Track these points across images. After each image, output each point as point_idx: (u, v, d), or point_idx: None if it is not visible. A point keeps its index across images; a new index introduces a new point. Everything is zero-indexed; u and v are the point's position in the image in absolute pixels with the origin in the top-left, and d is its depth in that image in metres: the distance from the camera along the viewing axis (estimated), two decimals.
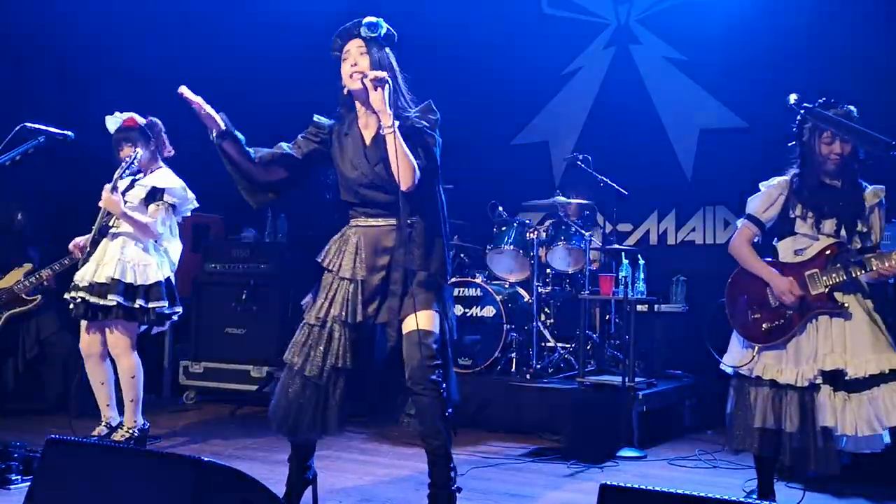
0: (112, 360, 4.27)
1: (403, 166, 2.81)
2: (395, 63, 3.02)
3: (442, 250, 2.97)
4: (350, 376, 2.93)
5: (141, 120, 4.30)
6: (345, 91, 3.01)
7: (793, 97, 3.06)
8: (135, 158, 4.11)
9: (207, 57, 7.10)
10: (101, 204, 4.09)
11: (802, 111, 3.07)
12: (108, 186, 4.07)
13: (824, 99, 3.15)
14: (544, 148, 7.11)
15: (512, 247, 5.54)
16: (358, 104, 3.02)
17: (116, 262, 4.10)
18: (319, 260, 3.00)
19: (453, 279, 5.65)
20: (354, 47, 2.96)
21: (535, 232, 5.49)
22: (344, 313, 2.89)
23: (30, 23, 6.58)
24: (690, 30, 6.50)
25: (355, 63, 2.93)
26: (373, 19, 2.97)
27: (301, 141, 3.07)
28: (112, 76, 6.66)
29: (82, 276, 4.13)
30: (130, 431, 4.21)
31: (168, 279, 4.25)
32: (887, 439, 3.09)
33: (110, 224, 4.21)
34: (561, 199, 5.62)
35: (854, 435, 3.02)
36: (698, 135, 6.50)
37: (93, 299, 4.06)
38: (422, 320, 2.84)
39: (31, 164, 3.57)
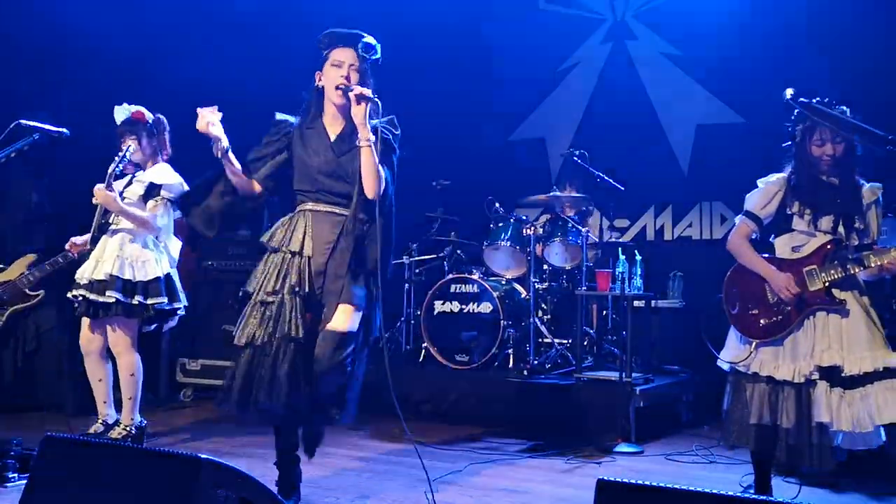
0: (112, 359, 4.27)
1: (374, 178, 3.01)
2: (372, 82, 3.17)
3: (389, 254, 3.15)
4: (303, 349, 3.02)
5: (149, 115, 4.30)
6: (318, 84, 3.17)
7: (789, 92, 3.06)
8: (126, 152, 4.09)
9: (208, 55, 7.09)
10: (95, 200, 4.07)
11: (798, 106, 3.07)
12: (100, 185, 4.05)
13: (818, 99, 3.15)
14: (541, 144, 7.11)
15: (509, 243, 5.54)
16: (328, 105, 3.17)
17: (115, 259, 4.09)
18: (264, 240, 3.15)
19: (451, 275, 5.65)
20: (349, 60, 3.12)
21: (532, 228, 5.49)
22: (297, 286, 3.03)
23: (28, 21, 6.56)
24: (686, 25, 6.50)
25: (347, 76, 3.09)
26: (371, 41, 3.17)
27: (269, 150, 3.21)
28: (112, 72, 6.65)
29: (82, 274, 4.13)
30: (127, 429, 4.20)
31: (168, 275, 4.24)
32: (883, 436, 3.09)
33: (110, 221, 4.20)
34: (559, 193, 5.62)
35: (849, 431, 3.03)
36: (695, 130, 6.50)
37: (92, 296, 4.05)
38: (337, 319, 3.02)
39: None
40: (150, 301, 4.11)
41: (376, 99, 3.03)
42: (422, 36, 7.00)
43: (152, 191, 4.19)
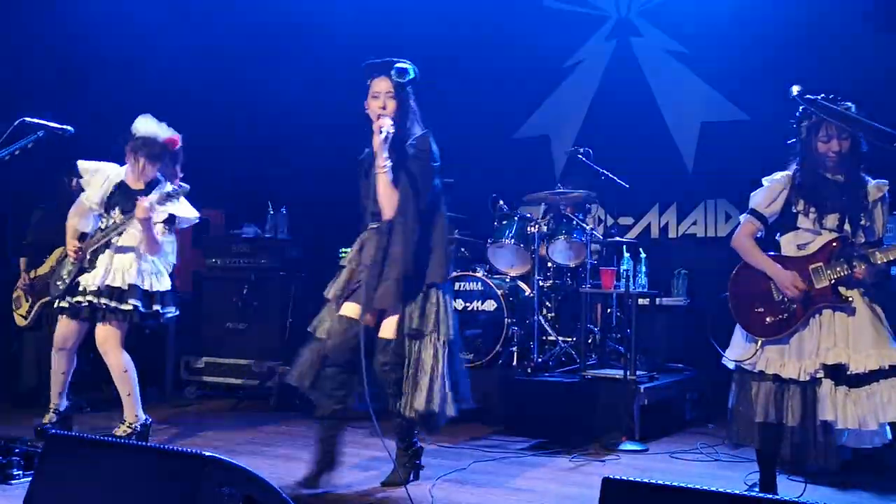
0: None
1: (386, 202, 3.43)
2: (412, 100, 3.55)
3: (428, 255, 3.49)
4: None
5: (180, 143, 4.36)
6: (367, 111, 3.55)
7: (795, 88, 3.05)
8: (178, 191, 4.14)
9: (208, 54, 7.09)
10: (138, 215, 4.06)
11: (804, 103, 3.06)
12: (144, 202, 4.06)
13: (823, 94, 3.14)
14: (545, 141, 7.09)
15: (513, 241, 5.53)
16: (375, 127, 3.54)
17: (137, 271, 4.20)
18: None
19: (454, 273, 5.64)
20: (384, 89, 3.46)
21: (536, 226, 5.47)
22: (336, 293, 3.59)
23: (32, 18, 6.57)
24: (691, 22, 6.48)
25: (384, 106, 3.45)
26: (404, 65, 3.45)
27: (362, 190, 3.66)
28: (113, 68, 6.66)
29: (91, 281, 4.16)
30: (132, 427, 4.21)
31: (173, 286, 4.42)
32: (889, 435, 3.08)
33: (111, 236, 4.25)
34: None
35: (855, 429, 3.02)
36: (699, 127, 6.48)
37: (103, 301, 4.11)
38: (386, 329, 3.48)
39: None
40: (165, 311, 4.27)
41: (390, 130, 3.37)
42: (424, 33, 6.99)
43: (171, 221, 4.27)
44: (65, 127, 3.72)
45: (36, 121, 3.58)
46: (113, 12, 6.93)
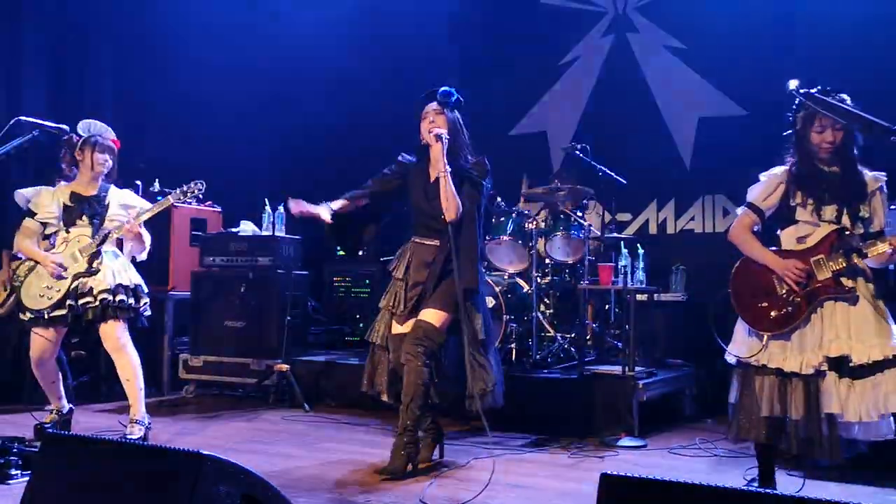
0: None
1: (450, 203, 3.71)
2: (461, 123, 3.90)
3: (475, 267, 3.80)
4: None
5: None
6: (423, 142, 3.88)
7: (793, 83, 3.04)
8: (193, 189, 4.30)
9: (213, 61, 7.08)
10: (127, 234, 4.25)
11: (801, 97, 3.05)
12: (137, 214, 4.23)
13: (819, 87, 3.13)
14: (542, 138, 7.08)
15: (510, 237, 5.52)
16: (431, 152, 3.85)
17: (134, 271, 4.36)
18: (389, 269, 4.00)
19: None
20: (432, 110, 3.84)
21: (534, 222, 5.47)
22: (392, 304, 3.88)
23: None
24: (689, 18, 6.46)
25: (433, 121, 3.82)
26: (447, 89, 3.83)
27: (386, 176, 4.00)
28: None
29: (102, 282, 4.17)
30: (147, 425, 4.24)
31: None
32: (894, 426, 3.07)
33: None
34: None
35: (860, 422, 3.01)
36: (697, 123, 6.47)
37: (119, 298, 4.17)
38: (428, 314, 3.75)
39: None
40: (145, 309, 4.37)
41: (444, 134, 3.72)
42: (421, 32, 6.97)
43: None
44: (61, 126, 3.70)
45: (32, 120, 3.56)
46: (110, 12, 6.92)
